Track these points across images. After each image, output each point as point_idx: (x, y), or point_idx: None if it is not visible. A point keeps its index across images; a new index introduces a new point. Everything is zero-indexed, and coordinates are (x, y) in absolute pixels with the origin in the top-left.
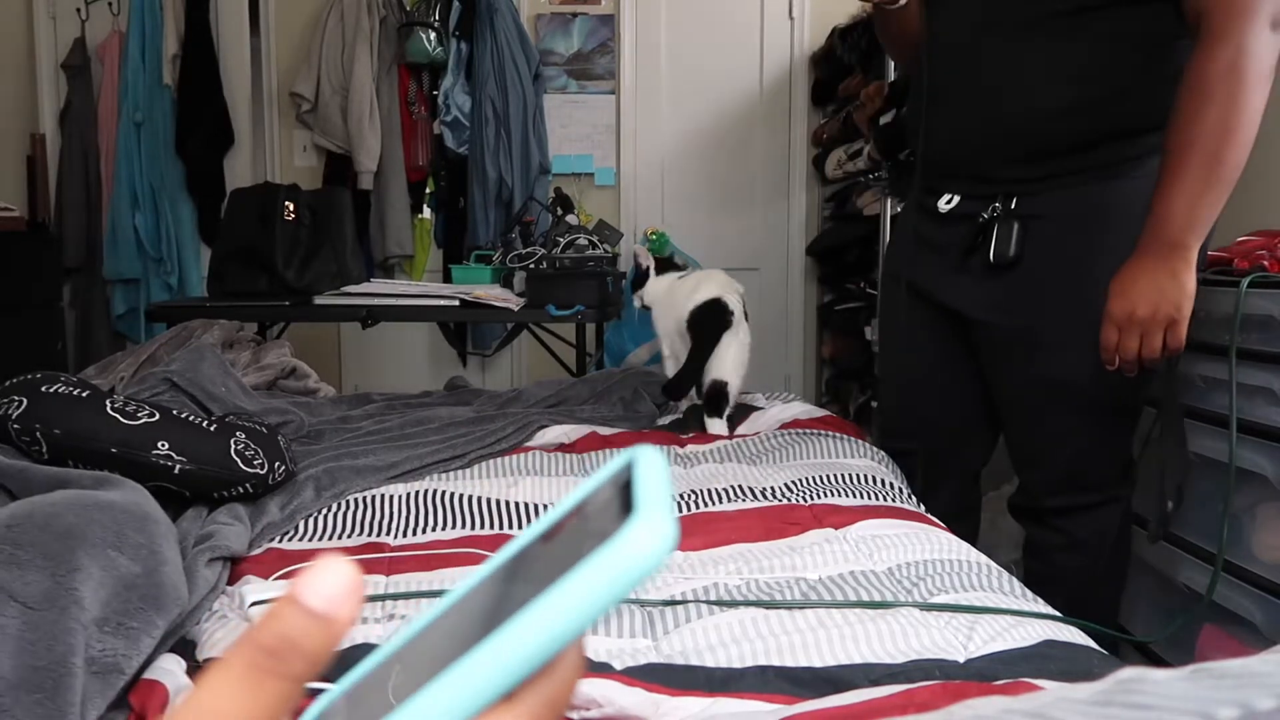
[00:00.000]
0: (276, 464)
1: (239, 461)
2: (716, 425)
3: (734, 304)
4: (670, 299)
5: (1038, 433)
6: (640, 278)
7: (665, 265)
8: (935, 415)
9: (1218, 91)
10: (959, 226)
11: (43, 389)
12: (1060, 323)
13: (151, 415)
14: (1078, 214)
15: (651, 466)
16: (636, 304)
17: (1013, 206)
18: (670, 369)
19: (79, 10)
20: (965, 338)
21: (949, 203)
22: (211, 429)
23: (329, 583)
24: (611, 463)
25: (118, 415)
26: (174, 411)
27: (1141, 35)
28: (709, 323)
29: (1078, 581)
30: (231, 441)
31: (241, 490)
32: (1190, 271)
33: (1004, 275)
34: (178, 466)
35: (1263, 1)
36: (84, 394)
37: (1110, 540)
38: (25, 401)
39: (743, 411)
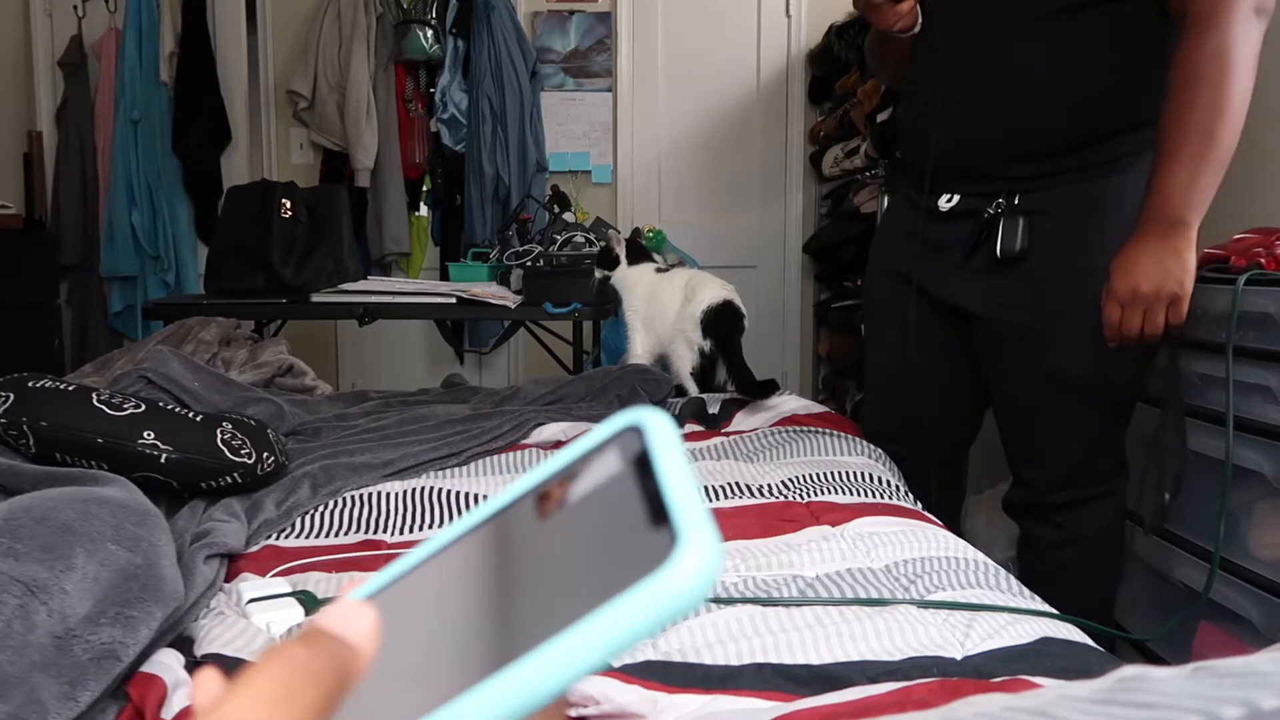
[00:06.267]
0: (265, 454)
1: (226, 451)
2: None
3: (741, 305)
4: (654, 294)
5: (1041, 429)
6: (609, 260)
7: (637, 254)
8: (927, 412)
9: (1208, 73)
10: (960, 224)
11: (29, 384)
12: (1064, 317)
13: (138, 407)
14: (1081, 209)
15: (668, 447)
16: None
17: (1016, 202)
18: (636, 348)
19: (76, 8)
20: (963, 334)
21: (949, 201)
22: (198, 419)
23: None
24: (609, 424)
25: (103, 407)
26: (160, 404)
27: (1136, 30)
28: (732, 326)
29: (1076, 575)
30: (218, 431)
31: (230, 480)
32: (1191, 249)
33: (1008, 271)
34: (164, 456)
35: None
36: (70, 388)
37: (1107, 533)
38: (11, 396)
39: (732, 406)
